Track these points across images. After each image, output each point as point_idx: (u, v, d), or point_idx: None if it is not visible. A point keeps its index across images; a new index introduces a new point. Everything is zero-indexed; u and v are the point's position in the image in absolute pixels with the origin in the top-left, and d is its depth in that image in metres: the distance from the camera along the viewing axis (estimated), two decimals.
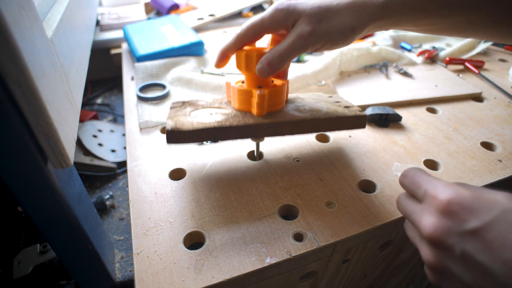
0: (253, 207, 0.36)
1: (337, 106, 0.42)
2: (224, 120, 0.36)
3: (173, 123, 0.36)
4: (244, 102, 0.38)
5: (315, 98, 0.44)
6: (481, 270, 0.20)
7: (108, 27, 0.86)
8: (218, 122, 0.36)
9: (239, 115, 0.37)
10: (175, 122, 0.36)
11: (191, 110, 0.39)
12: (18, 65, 0.20)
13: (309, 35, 0.32)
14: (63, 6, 0.41)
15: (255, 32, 0.35)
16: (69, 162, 0.26)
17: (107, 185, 0.62)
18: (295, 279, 0.36)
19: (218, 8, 0.93)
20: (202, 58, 0.68)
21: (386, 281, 0.55)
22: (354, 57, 0.62)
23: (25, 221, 0.53)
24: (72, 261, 0.34)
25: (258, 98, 0.35)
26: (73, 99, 0.33)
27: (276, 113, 0.38)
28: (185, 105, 0.41)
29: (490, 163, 0.42)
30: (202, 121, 0.36)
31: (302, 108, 0.40)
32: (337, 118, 0.38)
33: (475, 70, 0.63)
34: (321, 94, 0.47)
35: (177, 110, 0.40)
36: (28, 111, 0.22)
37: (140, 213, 0.35)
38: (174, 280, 0.29)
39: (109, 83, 0.92)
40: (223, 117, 0.37)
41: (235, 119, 0.37)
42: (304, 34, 0.32)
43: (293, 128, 0.37)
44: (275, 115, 0.37)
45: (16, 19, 0.21)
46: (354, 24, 0.32)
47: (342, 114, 0.39)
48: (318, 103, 0.42)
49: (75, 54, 0.41)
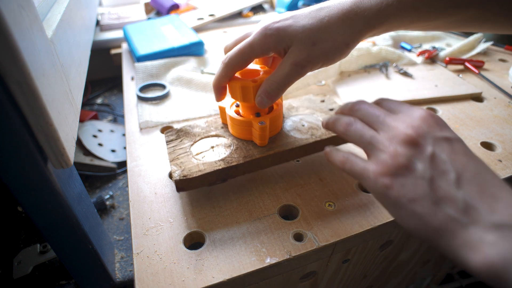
0: (253, 207, 0.36)
1: None
2: (229, 156, 0.36)
3: (179, 170, 0.34)
4: (244, 131, 0.38)
5: (309, 105, 0.44)
6: (441, 169, 0.24)
7: (108, 27, 0.86)
8: (225, 161, 0.35)
9: (241, 147, 0.37)
10: (181, 167, 0.35)
11: (190, 144, 0.38)
12: (18, 65, 0.20)
13: (305, 61, 0.31)
14: (63, 6, 0.41)
15: (244, 60, 0.33)
16: (69, 162, 0.26)
17: (107, 185, 0.62)
18: (295, 279, 0.36)
19: (218, 8, 0.93)
20: (202, 58, 0.68)
21: (386, 281, 0.55)
22: (354, 57, 0.62)
23: (25, 221, 0.53)
24: (72, 261, 0.34)
25: (260, 130, 0.35)
26: (73, 99, 0.33)
27: (277, 137, 0.38)
28: (180, 136, 0.39)
29: (490, 163, 0.42)
30: (208, 161, 0.35)
31: (301, 126, 0.40)
32: (337, 136, 0.39)
33: (475, 70, 0.63)
34: (312, 98, 0.46)
35: (175, 146, 0.38)
36: (28, 111, 0.22)
37: (140, 213, 0.35)
38: (174, 280, 0.29)
39: (109, 83, 0.92)
40: (226, 151, 0.37)
41: (239, 152, 0.36)
42: (300, 62, 0.31)
43: (297, 153, 0.38)
44: (276, 141, 0.38)
45: (16, 19, 0.21)
46: (348, 40, 0.31)
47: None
48: (314, 114, 0.42)
49: (75, 54, 0.41)
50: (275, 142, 0.37)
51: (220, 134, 0.40)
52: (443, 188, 0.24)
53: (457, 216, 0.23)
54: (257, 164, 0.36)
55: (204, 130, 0.40)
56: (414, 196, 0.24)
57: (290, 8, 0.82)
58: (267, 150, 0.36)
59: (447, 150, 0.25)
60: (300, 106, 0.44)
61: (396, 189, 0.25)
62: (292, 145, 0.37)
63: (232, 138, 0.39)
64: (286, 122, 0.41)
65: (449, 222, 0.23)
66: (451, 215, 0.23)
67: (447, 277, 0.75)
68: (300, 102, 0.45)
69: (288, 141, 0.37)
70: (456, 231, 0.22)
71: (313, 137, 0.38)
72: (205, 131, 0.40)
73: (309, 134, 0.39)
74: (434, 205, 0.23)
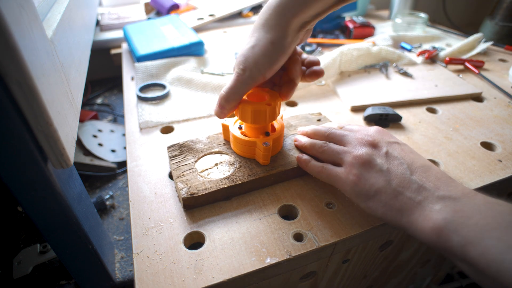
0: (253, 207, 0.36)
1: None
2: (233, 174, 0.37)
3: (186, 187, 0.35)
4: (248, 150, 0.39)
5: (306, 124, 0.45)
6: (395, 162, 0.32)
7: (108, 27, 0.86)
8: (230, 179, 0.36)
9: (245, 165, 0.38)
10: (187, 185, 0.35)
11: (194, 160, 0.39)
12: (18, 65, 0.20)
13: (242, 71, 0.33)
14: (63, 6, 0.41)
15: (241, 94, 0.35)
16: (69, 162, 0.26)
17: (107, 185, 0.62)
18: (295, 279, 0.36)
19: (218, 8, 0.93)
20: (202, 58, 0.68)
21: (386, 281, 0.55)
22: (354, 57, 0.62)
23: (25, 221, 0.53)
24: (72, 261, 0.34)
25: (264, 151, 0.36)
26: (73, 99, 0.33)
27: (278, 156, 0.40)
28: (183, 152, 0.40)
29: (490, 163, 0.42)
30: (213, 179, 0.36)
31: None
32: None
33: (475, 70, 0.63)
34: (309, 117, 0.47)
35: (179, 162, 0.39)
36: (28, 111, 0.22)
37: (140, 213, 0.35)
38: (174, 280, 0.29)
39: (109, 83, 0.92)
40: (230, 169, 0.38)
41: (243, 171, 0.37)
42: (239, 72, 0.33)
43: (297, 172, 0.39)
44: (278, 160, 0.39)
45: (16, 19, 0.21)
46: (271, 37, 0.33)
47: None
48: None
49: (75, 54, 0.41)
50: (277, 161, 0.39)
51: (223, 151, 0.41)
52: (400, 176, 0.30)
53: (413, 196, 0.29)
54: (260, 182, 0.37)
55: (207, 146, 0.41)
56: (378, 186, 0.30)
57: None
58: (269, 169, 0.37)
59: (398, 149, 0.33)
60: (298, 125, 0.45)
61: (363, 182, 0.31)
62: (293, 164, 0.38)
63: (235, 155, 0.40)
64: (285, 140, 0.42)
65: (408, 201, 0.29)
66: (409, 195, 0.29)
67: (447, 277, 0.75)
68: (298, 121, 0.46)
69: (289, 161, 0.39)
70: (413, 207, 0.29)
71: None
72: (208, 147, 0.41)
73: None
74: (395, 191, 0.30)
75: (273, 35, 0.33)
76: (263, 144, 0.36)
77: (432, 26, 0.88)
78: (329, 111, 0.53)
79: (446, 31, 0.85)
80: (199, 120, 0.51)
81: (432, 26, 0.88)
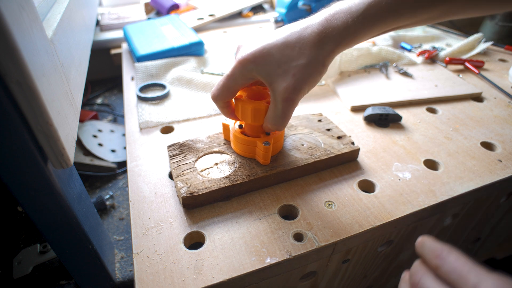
0: (253, 207, 0.36)
1: (331, 137, 0.43)
2: (233, 173, 0.37)
3: (186, 186, 0.35)
4: (248, 150, 0.39)
5: (307, 125, 0.45)
6: None
7: (108, 27, 0.86)
8: (229, 179, 0.36)
9: (245, 165, 0.38)
10: (187, 184, 0.35)
11: (194, 160, 0.39)
12: (18, 65, 0.20)
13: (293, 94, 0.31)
14: (63, 6, 0.41)
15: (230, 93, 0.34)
16: (69, 162, 0.26)
17: (107, 185, 0.62)
18: (295, 279, 0.36)
19: (218, 8, 0.93)
20: (202, 58, 0.68)
21: (386, 281, 0.55)
22: (354, 57, 0.62)
23: (25, 221, 0.53)
24: (72, 261, 0.34)
25: (264, 150, 0.36)
26: (73, 99, 0.33)
27: (278, 156, 0.39)
28: (183, 151, 0.40)
29: (490, 163, 0.42)
30: (213, 178, 0.36)
31: (300, 145, 0.41)
32: (335, 156, 0.40)
33: (475, 70, 0.63)
34: (310, 117, 0.47)
35: (179, 161, 0.39)
36: (28, 111, 0.22)
37: (140, 213, 0.35)
38: (174, 280, 0.29)
39: (109, 83, 0.92)
40: (230, 168, 0.38)
41: (243, 171, 0.37)
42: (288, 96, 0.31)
43: (297, 172, 0.39)
44: (278, 160, 0.39)
45: (16, 19, 0.21)
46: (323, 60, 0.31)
47: (338, 151, 0.40)
48: (312, 133, 0.44)
49: (75, 54, 0.41)
50: (277, 161, 0.39)
51: (223, 151, 0.41)
52: None
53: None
54: (260, 182, 0.37)
55: (207, 146, 0.41)
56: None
57: (290, 8, 0.82)
58: (269, 169, 0.37)
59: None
60: (298, 125, 0.45)
61: None
62: (293, 164, 0.38)
63: (235, 155, 0.40)
64: (286, 140, 0.42)
65: None
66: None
67: None
68: (299, 121, 0.46)
69: (289, 161, 0.39)
70: None
71: (313, 157, 0.39)
72: (208, 147, 0.41)
73: (309, 154, 0.40)
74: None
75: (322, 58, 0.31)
76: (263, 143, 0.36)
77: (432, 26, 0.88)
78: (329, 111, 0.53)
79: (446, 31, 0.85)
80: (199, 120, 0.51)
81: (432, 26, 0.88)
